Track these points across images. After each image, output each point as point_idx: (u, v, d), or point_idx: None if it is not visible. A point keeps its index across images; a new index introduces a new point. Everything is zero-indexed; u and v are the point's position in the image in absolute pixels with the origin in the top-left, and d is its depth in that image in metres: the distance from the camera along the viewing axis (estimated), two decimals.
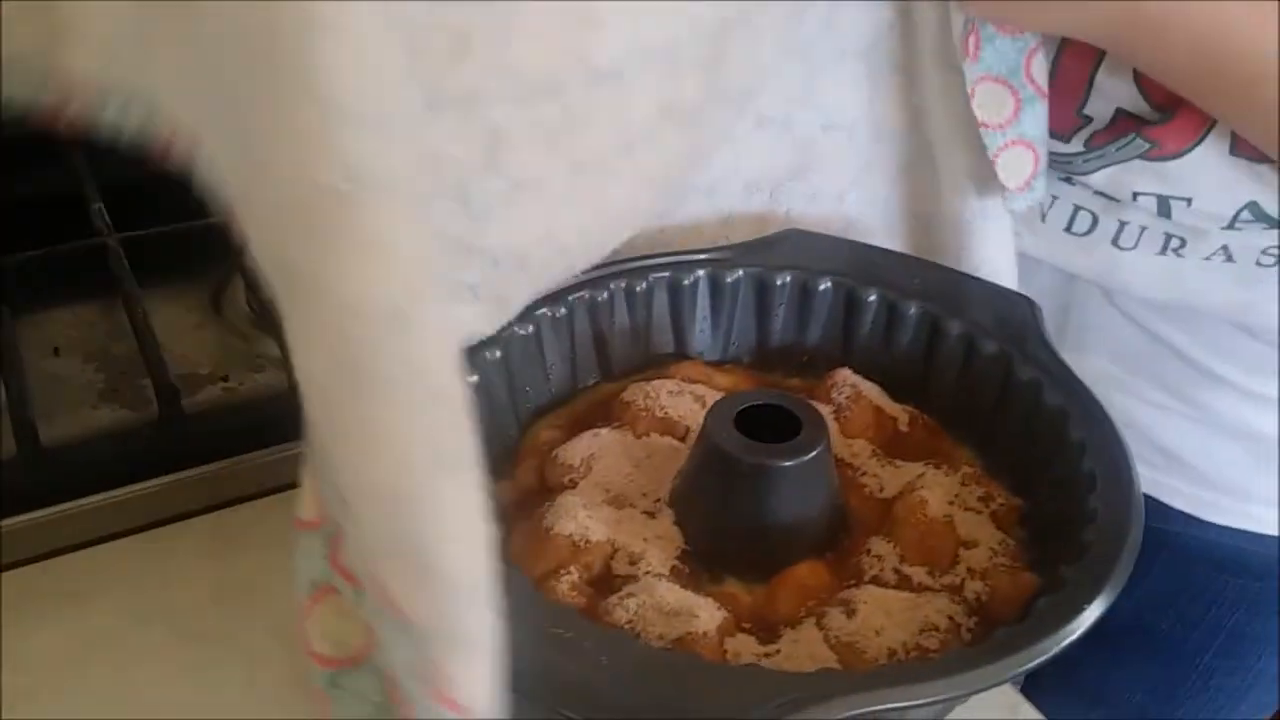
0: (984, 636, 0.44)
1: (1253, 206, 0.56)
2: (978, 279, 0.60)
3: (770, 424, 0.48)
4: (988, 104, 0.56)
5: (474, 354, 0.52)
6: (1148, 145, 0.56)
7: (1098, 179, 0.59)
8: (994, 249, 0.61)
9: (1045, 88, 0.56)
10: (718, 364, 0.60)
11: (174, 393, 0.57)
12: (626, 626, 0.43)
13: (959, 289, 0.59)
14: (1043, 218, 0.63)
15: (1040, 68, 0.56)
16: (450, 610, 0.35)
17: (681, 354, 0.60)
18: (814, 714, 0.36)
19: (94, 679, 0.50)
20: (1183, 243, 0.59)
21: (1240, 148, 0.55)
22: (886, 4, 0.59)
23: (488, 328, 0.52)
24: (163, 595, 0.52)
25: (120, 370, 0.67)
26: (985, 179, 0.59)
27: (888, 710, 0.37)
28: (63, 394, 0.64)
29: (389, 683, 0.39)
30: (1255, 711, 0.74)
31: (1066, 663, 0.78)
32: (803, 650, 0.44)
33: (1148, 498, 0.67)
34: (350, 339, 0.34)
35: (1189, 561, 0.69)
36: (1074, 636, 0.41)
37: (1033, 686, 0.80)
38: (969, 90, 0.55)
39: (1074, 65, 0.57)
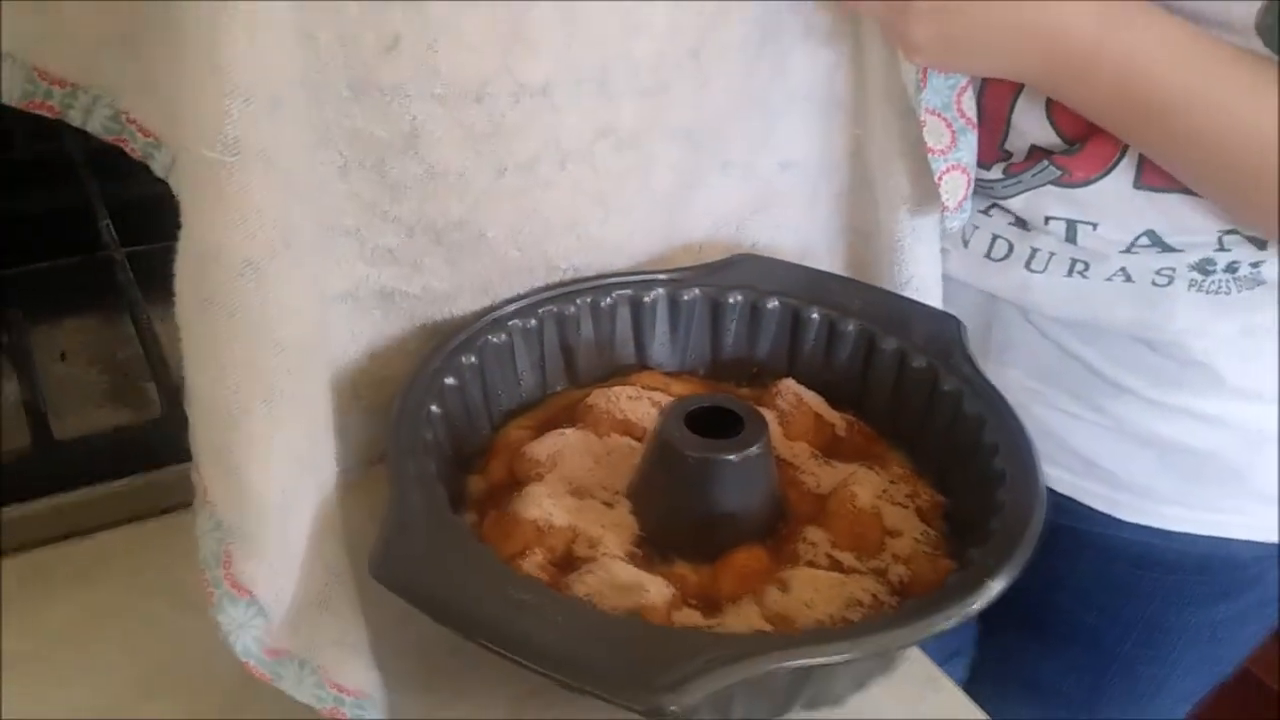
0: None
1: (1150, 234, 0.63)
2: (910, 300, 0.66)
3: (718, 424, 0.54)
4: (933, 133, 0.62)
5: (452, 359, 0.58)
6: (1059, 172, 0.63)
7: (1016, 203, 0.65)
8: (924, 266, 0.68)
9: (975, 119, 0.63)
10: (675, 374, 0.66)
11: (177, 392, 0.62)
12: (584, 599, 0.49)
13: (893, 309, 0.65)
14: (966, 244, 0.69)
15: (970, 102, 0.62)
16: (245, 511, 0.44)
17: (642, 364, 0.66)
18: (745, 669, 0.42)
19: (100, 646, 0.55)
20: (1086, 266, 0.65)
21: (1144, 179, 0.62)
22: (831, 48, 0.65)
23: (406, 286, 0.59)
24: (164, 573, 0.57)
25: (123, 374, 0.72)
26: (919, 202, 0.66)
27: (807, 665, 0.43)
28: (69, 395, 0.69)
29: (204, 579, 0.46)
30: (1176, 698, 0.80)
31: (1003, 655, 0.85)
32: (741, 622, 0.50)
33: (1069, 500, 0.74)
34: (208, 277, 0.42)
35: (1109, 559, 0.75)
36: (976, 608, 0.46)
37: (973, 678, 0.86)
38: (920, 120, 0.61)
39: (994, 104, 0.64)
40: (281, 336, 0.43)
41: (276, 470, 0.44)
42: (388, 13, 0.49)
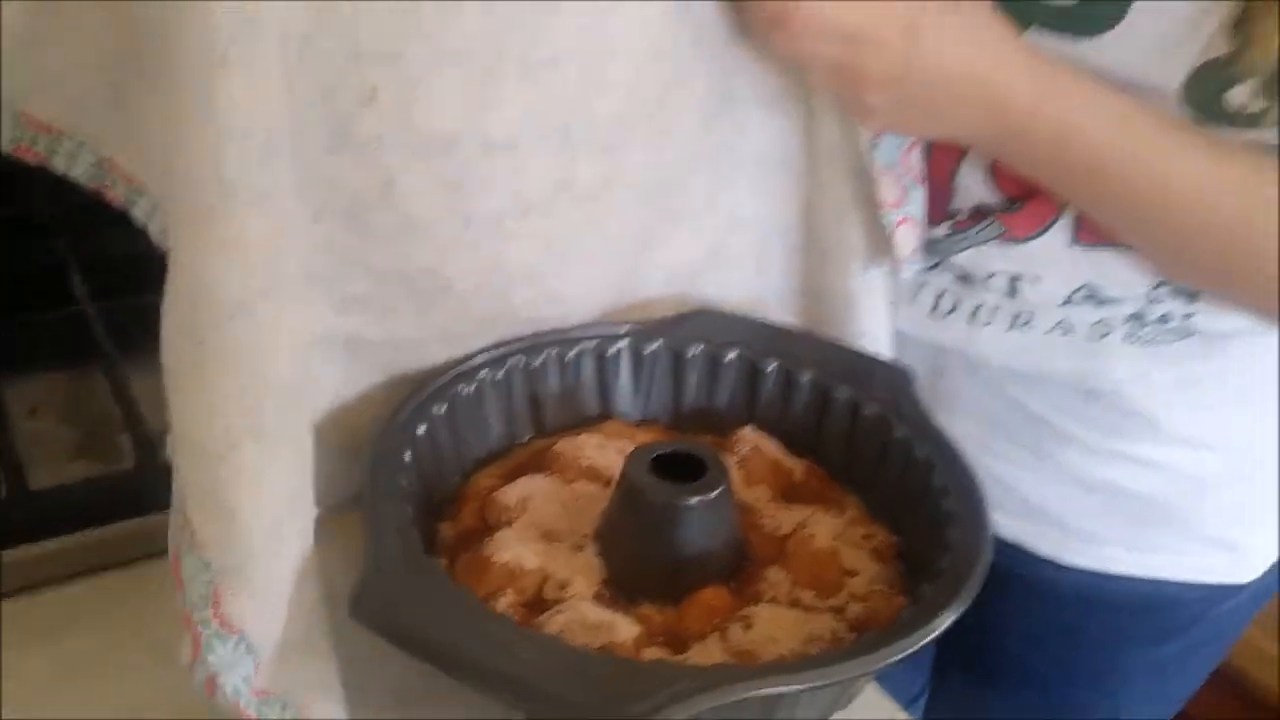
0: None
1: (1086, 287, 0.67)
2: (861, 351, 0.69)
3: (681, 468, 0.56)
4: (885, 189, 0.65)
5: (424, 408, 0.60)
6: (1002, 229, 0.67)
7: (961, 259, 0.69)
8: (874, 320, 0.71)
9: (922, 175, 0.66)
10: (638, 423, 0.68)
11: (152, 444, 0.64)
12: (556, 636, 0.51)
13: (846, 360, 0.68)
14: (913, 300, 0.73)
15: (916, 158, 0.66)
16: (234, 548, 0.45)
17: (606, 414, 0.68)
18: (713, 697, 0.44)
19: (77, 697, 0.56)
20: (1028, 319, 0.69)
21: (1080, 236, 0.66)
22: (784, 112, 0.68)
23: (372, 332, 0.60)
24: (140, 619, 0.58)
25: (92, 429, 0.73)
26: (870, 258, 0.69)
27: (773, 694, 0.45)
28: (40, 450, 0.70)
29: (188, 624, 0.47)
30: None
31: (957, 702, 0.87)
32: (707, 658, 0.52)
33: (1016, 547, 0.77)
34: (200, 318, 0.44)
35: (1057, 604, 0.78)
36: (928, 639, 0.49)
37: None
38: (873, 177, 0.65)
39: (940, 168, 0.68)
40: (271, 376, 0.45)
41: (266, 506, 0.46)
42: (366, 66, 0.51)
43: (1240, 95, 0.59)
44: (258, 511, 0.45)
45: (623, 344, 0.67)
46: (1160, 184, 0.60)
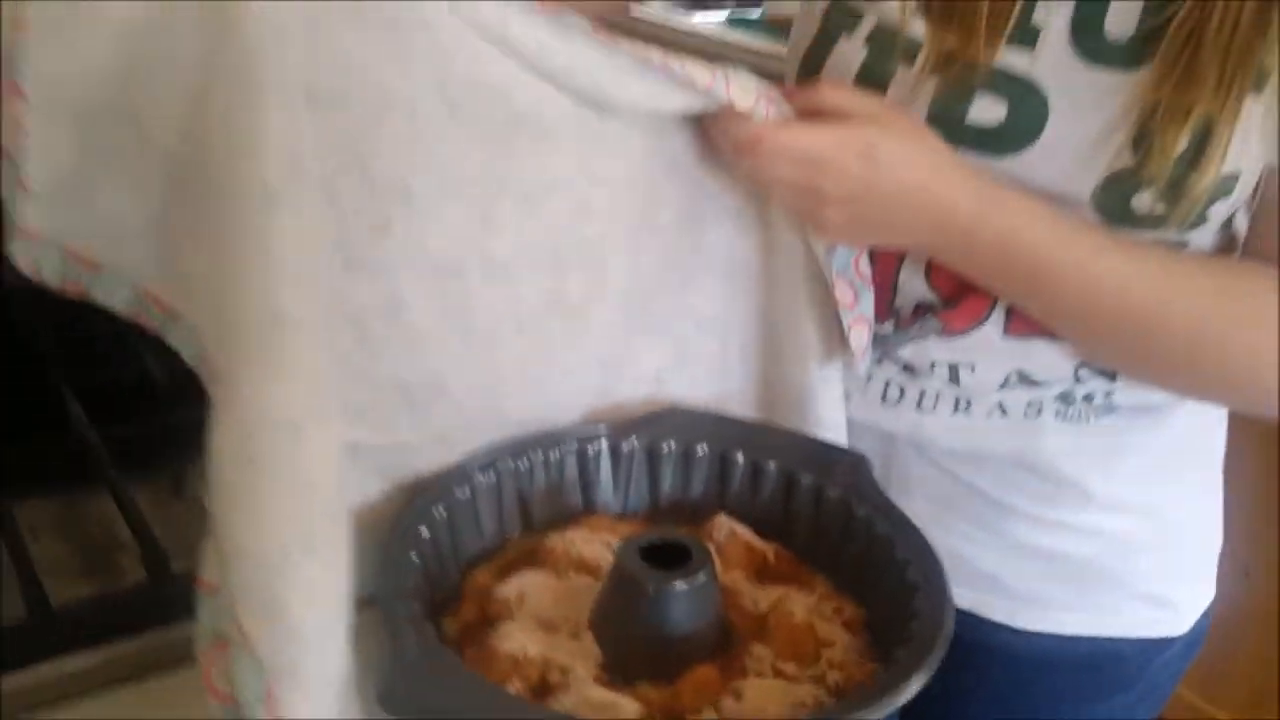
0: None
1: (1018, 372, 0.74)
2: (821, 441, 0.75)
3: (667, 556, 0.61)
4: (839, 291, 0.72)
5: (425, 511, 0.64)
6: (940, 325, 0.73)
7: (905, 352, 0.76)
8: (829, 410, 0.77)
9: (870, 278, 0.73)
10: (619, 516, 0.73)
11: (165, 561, 0.67)
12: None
13: (807, 449, 0.73)
14: (864, 390, 0.79)
15: (865, 264, 0.73)
16: (288, 651, 0.49)
17: (589, 509, 0.72)
18: None
19: None
20: (968, 403, 0.76)
21: (1011, 328, 0.73)
22: (744, 225, 0.74)
23: (372, 439, 0.63)
24: None
25: (91, 549, 0.76)
26: (824, 355, 0.75)
27: None
28: (43, 572, 0.73)
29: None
30: None
31: None
32: None
33: (973, 616, 0.82)
34: (252, 436, 0.48)
35: (1014, 666, 0.83)
36: (902, 700, 0.54)
37: None
38: (829, 282, 0.71)
39: (882, 272, 0.75)
40: (319, 490, 0.49)
41: (319, 610, 0.49)
42: (382, 199, 0.56)
43: (1144, 201, 0.67)
44: (310, 616, 0.49)
45: (602, 443, 0.72)
46: (1086, 279, 0.67)
